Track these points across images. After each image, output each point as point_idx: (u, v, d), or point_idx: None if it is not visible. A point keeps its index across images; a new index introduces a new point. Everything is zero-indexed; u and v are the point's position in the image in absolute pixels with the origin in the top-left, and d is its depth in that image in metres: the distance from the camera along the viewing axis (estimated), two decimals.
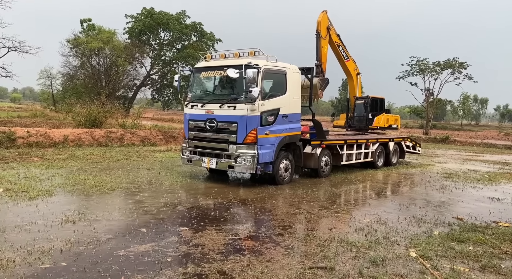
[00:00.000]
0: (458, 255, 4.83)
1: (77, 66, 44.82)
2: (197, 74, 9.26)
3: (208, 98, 8.99)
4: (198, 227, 5.40)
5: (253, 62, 8.26)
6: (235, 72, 8.06)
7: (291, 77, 9.25)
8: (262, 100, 8.39)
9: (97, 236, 4.77)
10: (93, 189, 7.33)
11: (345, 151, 11.45)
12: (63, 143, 13.33)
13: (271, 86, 9.48)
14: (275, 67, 8.91)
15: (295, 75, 9.47)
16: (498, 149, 25.05)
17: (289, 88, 9.14)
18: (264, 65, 8.49)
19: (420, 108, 53.55)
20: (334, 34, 15.35)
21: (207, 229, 5.30)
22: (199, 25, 52.51)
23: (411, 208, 7.36)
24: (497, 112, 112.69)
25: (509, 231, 5.93)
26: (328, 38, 14.93)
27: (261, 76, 8.29)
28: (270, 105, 8.62)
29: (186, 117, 9.21)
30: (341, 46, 15.97)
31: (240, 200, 7.32)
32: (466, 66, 37.32)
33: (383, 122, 17.56)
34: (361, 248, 4.92)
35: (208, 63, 9.24)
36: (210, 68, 8.98)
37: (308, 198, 7.79)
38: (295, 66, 9.57)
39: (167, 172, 9.82)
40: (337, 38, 15.61)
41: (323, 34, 14.63)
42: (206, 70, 9.09)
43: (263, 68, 8.40)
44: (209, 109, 8.68)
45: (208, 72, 9.04)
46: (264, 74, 8.47)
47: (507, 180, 11.31)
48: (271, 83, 9.66)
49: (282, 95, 9.02)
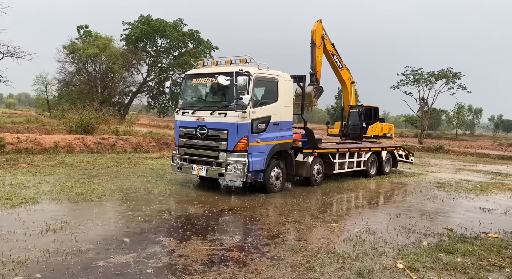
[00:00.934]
0: (445, 266, 4.75)
1: (73, 72, 44.79)
2: (189, 81, 9.23)
3: (199, 105, 8.94)
4: (183, 237, 5.28)
5: (244, 69, 8.24)
6: (226, 79, 8.03)
7: (283, 85, 9.23)
8: (253, 108, 8.34)
9: (77, 246, 4.64)
10: (79, 197, 7.20)
11: (337, 160, 11.40)
12: (54, 149, 13.17)
13: (262, 94, 9.44)
14: (267, 74, 8.89)
15: (287, 83, 9.45)
16: (491, 159, 25.14)
17: (281, 96, 9.12)
18: (256, 73, 8.46)
19: (414, 118, 53.80)
20: (328, 43, 15.43)
21: (192, 239, 5.20)
22: (196, 33, 52.78)
23: (401, 218, 7.30)
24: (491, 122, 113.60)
25: (498, 243, 5.87)
26: (322, 47, 14.99)
27: (252, 84, 8.25)
28: (261, 112, 8.58)
29: (177, 124, 9.14)
30: (335, 55, 16.04)
31: (229, 209, 7.22)
32: (460, 77, 37.64)
33: (377, 131, 17.58)
34: (348, 259, 4.84)
35: (199, 70, 9.21)
36: (202, 75, 8.95)
37: (298, 207, 7.71)
38: (287, 74, 9.56)
39: (157, 179, 9.70)
40: (331, 47, 15.68)
41: (318, 43, 14.72)
42: (197, 77, 9.06)
43: (254, 76, 8.38)
44: (200, 116, 8.62)
45: (199, 79, 9.01)
46: (255, 81, 8.44)
47: (498, 191, 11.30)
48: (262, 90, 9.62)
49: (274, 103, 8.99)
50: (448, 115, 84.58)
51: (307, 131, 10.49)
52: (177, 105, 9.30)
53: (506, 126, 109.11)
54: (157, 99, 51.47)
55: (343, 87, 17.36)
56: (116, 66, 43.02)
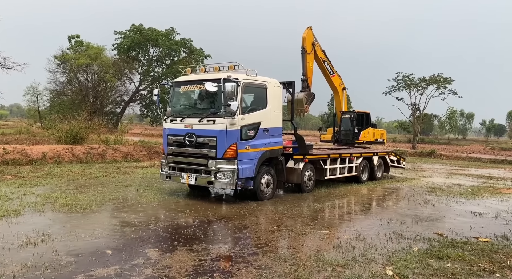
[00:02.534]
0: (435, 272, 4.68)
1: (64, 82, 44.51)
2: (177, 88, 9.16)
3: (187, 113, 8.86)
4: (169, 248, 5.15)
5: (232, 76, 8.19)
6: (213, 86, 7.97)
7: (272, 91, 9.20)
8: (242, 114, 8.28)
9: (57, 259, 4.49)
10: (64, 208, 7.03)
11: (328, 166, 11.35)
12: (42, 160, 12.96)
13: (251, 100, 9.40)
14: (255, 81, 8.86)
15: (276, 89, 9.42)
16: (483, 163, 25.26)
17: (270, 102, 9.08)
18: (244, 79, 8.42)
19: (407, 123, 54.15)
20: (319, 50, 15.49)
21: (177, 250, 5.07)
22: (188, 41, 52.89)
23: (392, 224, 7.22)
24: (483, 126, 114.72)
25: (488, 247, 5.81)
26: (313, 53, 15.04)
27: (240, 90, 8.21)
28: (250, 119, 8.52)
29: (165, 132, 9.04)
30: (326, 61, 16.10)
31: (218, 217, 7.10)
32: (450, 82, 38.01)
33: (369, 137, 17.62)
34: (337, 266, 4.75)
35: (187, 77, 9.15)
36: (190, 82, 8.89)
37: (289, 214, 7.61)
38: (276, 80, 9.54)
39: (145, 189, 9.55)
40: (322, 53, 15.75)
41: (308, 49, 14.77)
42: (185, 84, 8.99)
43: (243, 82, 8.33)
44: (188, 124, 8.53)
45: (187, 86, 8.95)
46: (244, 88, 8.39)
47: (490, 194, 11.30)
48: (251, 97, 9.57)
49: (263, 109, 8.94)
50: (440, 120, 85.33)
51: (298, 137, 10.44)
52: (166, 113, 9.22)
53: (498, 130, 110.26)
54: (150, 108, 51.31)
55: (335, 93, 17.40)
56: (108, 76, 42.86)
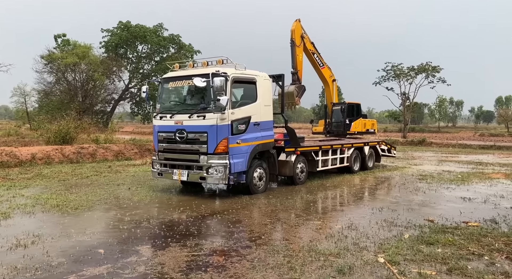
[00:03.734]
0: (426, 258, 4.75)
1: (52, 82, 43.89)
2: (165, 84, 9.09)
3: (177, 109, 8.80)
4: (162, 244, 5.14)
5: (221, 70, 8.15)
6: (202, 81, 7.93)
7: (261, 84, 9.18)
8: (232, 109, 8.26)
9: (48, 260, 4.45)
10: (54, 209, 6.97)
11: (320, 157, 11.41)
12: (31, 161, 12.80)
13: (241, 94, 9.38)
14: (244, 75, 8.83)
15: (266, 83, 9.40)
16: (472, 149, 25.62)
17: (260, 95, 9.06)
18: (233, 73, 8.38)
19: (397, 113, 54.52)
20: (308, 42, 15.48)
21: (170, 246, 5.06)
22: (177, 37, 52.44)
23: (384, 212, 7.30)
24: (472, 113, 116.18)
25: (477, 231, 5.91)
26: (302, 46, 15.04)
27: (229, 85, 8.17)
28: (240, 113, 8.50)
29: (155, 129, 8.99)
30: (315, 53, 16.10)
31: (211, 213, 7.10)
32: (439, 70, 38.32)
33: (361, 127, 17.73)
34: (330, 256, 4.79)
35: (175, 73, 9.08)
36: (178, 78, 8.82)
37: (282, 207, 7.65)
38: (265, 74, 9.52)
39: (137, 187, 9.51)
40: (311, 45, 15.74)
41: (297, 42, 14.75)
42: (174, 80, 8.92)
43: (232, 76, 8.30)
44: (178, 120, 8.49)
45: (176, 82, 8.88)
46: (233, 82, 8.36)
47: (479, 180, 11.47)
48: (241, 91, 9.55)
49: (253, 103, 8.92)
50: (430, 108, 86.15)
51: (289, 130, 10.46)
52: (155, 109, 9.16)
53: (487, 117, 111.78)
54: (141, 106, 50.91)
55: (325, 85, 17.42)
56: (96, 74, 42.35)
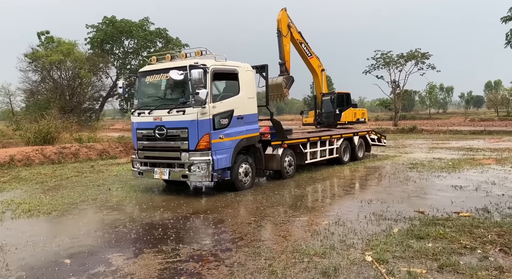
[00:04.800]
0: (416, 254, 4.49)
1: (38, 81, 42.92)
2: (143, 79, 8.67)
3: (155, 104, 8.38)
4: (136, 251, 4.80)
5: (200, 62, 7.76)
6: (179, 74, 7.55)
7: (244, 76, 8.80)
8: (213, 103, 7.89)
9: (6, 275, 4.07)
10: (25, 214, 6.58)
11: (308, 149, 11.11)
12: (9, 164, 12.31)
13: (223, 87, 9.02)
14: (225, 66, 8.45)
15: (248, 74, 9.03)
16: (463, 135, 25.58)
17: (243, 88, 8.70)
18: (212, 65, 7.99)
19: (388, 101, 54.45)
20: (295, 32, 15.12)
21: (144, 253, 4.72)
22: (163, 31, 51.54)
23: (373, 204, 7.04)
24: (462, 99, 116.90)
25: (469, 222, 5.67)
26: (289, 36, 14.69)
27: (209, 77, 7.79)
28: (222, 107, 8.14)
29: (134, 126, 8.59)
30: (303, 43, 15.75)
31: (193, 213, 6.77)
32: (428, 56, 38.21)
33: (351, 117, 17.52)
34: (314, 256, 4.50)
35: (153, 67, 8.65)
36: (155, 72, 8.39)
37: (268, 203, 7.34)
38: (247, 65, 9.14)
39: (118, 187, 9.12)
40: (298, 35, 15.38)
41: (284, 32, 14.40)
42: (151, 74, 8.50)
43: (211, 68, 7.91)
44: (157, 116, 8.09)
45: (153, 76, 8.46)
46: (213, 74, 7.97)
47: (470, 166, 11.29)
48: (222, 83, 9.19)
49: (235, 96, 8.56)
50: (421, 95, 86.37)
51: (274, 123, 10.14)
52: (133, 105, 8.77)
53: (476, 102, 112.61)
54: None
55: (314, 75, 17.11)
56: (82, 71, 41.50)
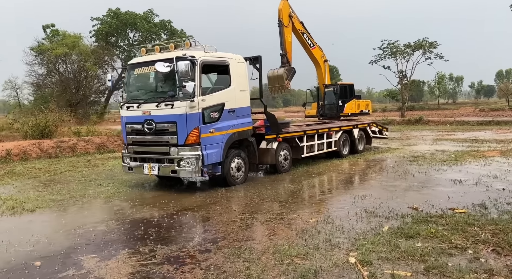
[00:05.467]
0: (403, 255, 4.25)
1: (44, 74, 43.11)
2: (131, 71, 8.45)
3: (144, 98, 8.17)
4: (111, 252, 4.62)
5: (188, 54, 7.52)
6: (165, 66, 7.33)
7: (236, 68, 8.54)
8: (202, 96, 7.67)
9: None
10: (9, 212, 6.46)
11: (305, 143, 10.85)
12: (6, 158, 12.25)
13: (213, 80, 8.79)
14: (215, 58, 8.19)
15: (240, 66, 8.76)
16: (470, 126, 25.00)
17: (234, 80, 8.45)
18: (201, 57, 7.74)
19: (395, 91, 53.56)
20: (297, 22, 14.76)
21: (119, 254, 4.54)
22: (168, 23, 51.38)
23: (366, 200, 6.80)
24: (472, 89, 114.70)
25: (464, 219, 5.41)
26: (291, 26, 14.34)
27: (198, 69, 7.55)
28: (212, 100, 7.91)
29: (123, 120, 8.43)
30: (305, 33, 15.38)
31: (180, 210, 6.60)
32: (436, 46, 37.20)
33: (354, 108, 17.15)
34: (296, 258, 4.30)
35: (142, 59, 8.39)
36: (144, 64, 8.15)
37: (258, 199, 7.15)
38: (239, 56, 8.87)
39: (109, 182, 8.98)
40: (300, 25, 15.02)
41: (285, 22, 14.05)
42: (139, 66, 8.27)
43: (200, 60, 7.66)
44: (146, 110, 7.88)
45: (142, 69, 8.24)
46: (202, 66, 7.73)
47: (473, 159, 10.94)
48: (212, 76, 8.96)
49: (226, 89, 8.31)
50: (430, 85, 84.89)
51: (268, 116, 9.91)
52: (122, 99, 8.60)
53: (487, 92, 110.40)
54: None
55: (316, 66, 16.75)
56: (88, 64, 41.54)
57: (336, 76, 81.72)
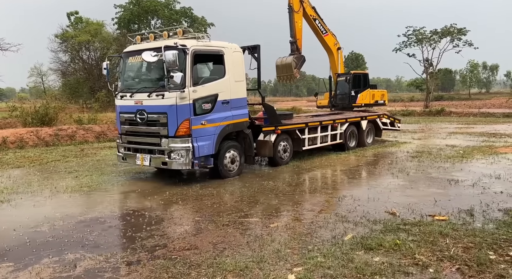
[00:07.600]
0: (351, 273, 3.76)
1: (68, 61, 44.08)
2: (126, 59, 8.21)
3: (137, 87, 7.97)
4: (32, 260, 4.23)
5: (180, 42, 7.19)
6: (152, 56, 7.05)
7: (231, 57, 8.12)
8: (194, 86, 7.32)
9: None
10: None
11: (306, 135, 10.32)
12: (1, 146, 12.31)
13: (207, 70, 8.43)
14: (209, 47, 7.83)
15: (236, 55, 8.33)
16: (495, 118, 23.36)
17: (229, 70, 8.04)
18: (193, 46, 7.39)
19: (419, 81, 51.12)
20: (308, 7, 14.03)
21: (40, 263, 4.07)
22: (189, 10, 51.09)
23: (344, 202, 6.28)
24: (508, 78, 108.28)
25: (439, 229, 4.81)
26: (302, 11, 13.66)
27: (189, 59, 7.21)
28: (204, 91, 7.55)
29: (117, 109, 8.27)
30: (317, 19, 14.62)
31: (139, 209, 6.05)
32: (465, 32, 34.98)
33: (368, 99, 16.25)
34: (230, 273, 3.82)
35: (136, 47, 8.14)
36: (138, 52, 7.82)
37: (233, 197, 6.76)
38: (235, 45, 8.44)
39: (88, 174, 8.69)
40: (312, 11, 14.28)
41: (296, 7, 13.39)
42: (133, 54, 8.03)
43: (192, 49, 7.30)
44: (138, 100, 7.69)
45: (135, 57, 7.99)
46: (194, 56, 7.34)
47: (482, 155, 10.05)
48: (206, 66, 8.57)
49: (220, 79, 7.96)
50: (462, 74, 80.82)
51: (266, 108, 9.51)
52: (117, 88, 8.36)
53: None
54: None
55: (329, 54, 15.97)
56: (110, 52, 42.05)
57: (362, 64, 78.98)
